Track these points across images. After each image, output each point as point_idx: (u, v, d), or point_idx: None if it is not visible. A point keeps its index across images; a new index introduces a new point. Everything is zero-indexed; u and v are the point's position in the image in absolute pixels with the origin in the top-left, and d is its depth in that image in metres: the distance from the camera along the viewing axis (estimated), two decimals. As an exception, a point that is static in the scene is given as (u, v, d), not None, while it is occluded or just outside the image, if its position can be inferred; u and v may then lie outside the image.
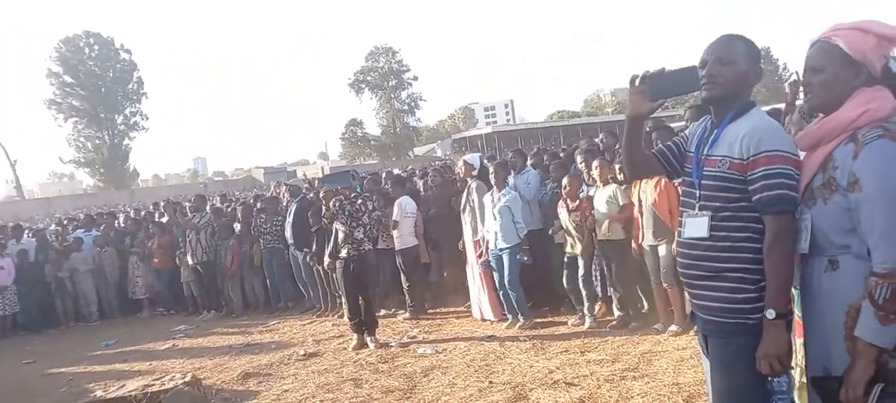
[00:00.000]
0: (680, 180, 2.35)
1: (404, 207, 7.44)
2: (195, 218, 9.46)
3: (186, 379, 5.19)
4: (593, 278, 5.98)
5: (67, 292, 10.03)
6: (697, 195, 2.06)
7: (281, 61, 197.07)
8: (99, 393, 5.49)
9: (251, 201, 10.36)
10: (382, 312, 7.54)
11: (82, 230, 11.35)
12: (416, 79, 76.98)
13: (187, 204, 11.51)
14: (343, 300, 6.73)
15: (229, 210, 10.69)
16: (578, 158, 6.36)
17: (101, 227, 11.29)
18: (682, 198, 2.21)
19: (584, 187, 6.05)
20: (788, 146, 1.93)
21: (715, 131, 2.07)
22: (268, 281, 9.07)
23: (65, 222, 13.08)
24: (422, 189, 9.08)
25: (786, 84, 5.41)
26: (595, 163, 5.74)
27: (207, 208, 10.36)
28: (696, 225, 2.04)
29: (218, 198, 14.94)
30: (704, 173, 2.04)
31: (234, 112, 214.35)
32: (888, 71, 1.88)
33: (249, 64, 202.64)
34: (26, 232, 12.20)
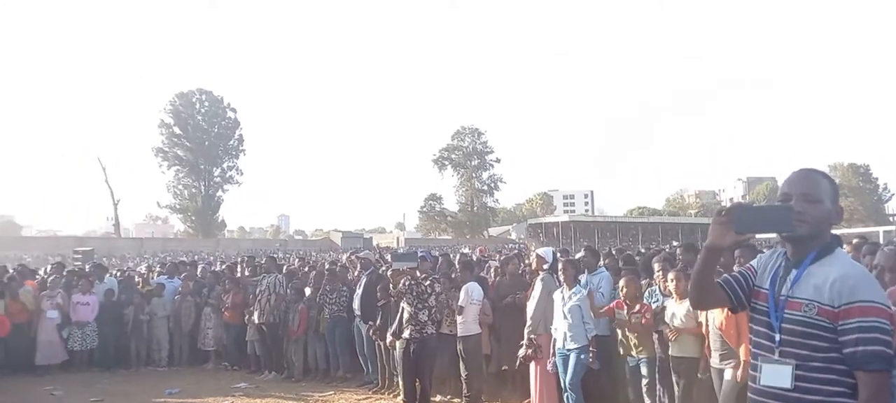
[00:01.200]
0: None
1: (471, 293, 7.37)
2: (263, 279, 9.75)
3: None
4: (658, 391, 5.68)
5: (142, 335, 10.45)
6: (777, 339, 1.92)
7: (370, 128, 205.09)
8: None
9: (325, 268, 10.58)
10: (438, 398, 7.41)
11: (165, 276, 11.90)
12: (498, 161, 78.23)
13: (260, 262, 11.84)
14: (400, 381, 6.67)
15: (302, 274, 10.95)
16: (656, 266, 6.14)
17: (183, 276, 11.78)
18: (754, 339, 2.06)
19: (659, 296, 5.85)
20: (883, 297, 1.81)
21: (794, 271, 1.95)
22: (329, 350, 9.13)
23: (153, 267, 13.80)
24: (492, 275, 9.03)
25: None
26: (671, 276, 5.52)
27: (284, 270, 10.67)
28: (778, 374, 1.90)
29: (297, 260, 15.36)
30: (786, 316, 1.91)
31: (320, 174, 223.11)
32: None
33: (339, 128, 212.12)
34: (109, 272, 12.84)
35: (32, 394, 8.61)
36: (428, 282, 6.56)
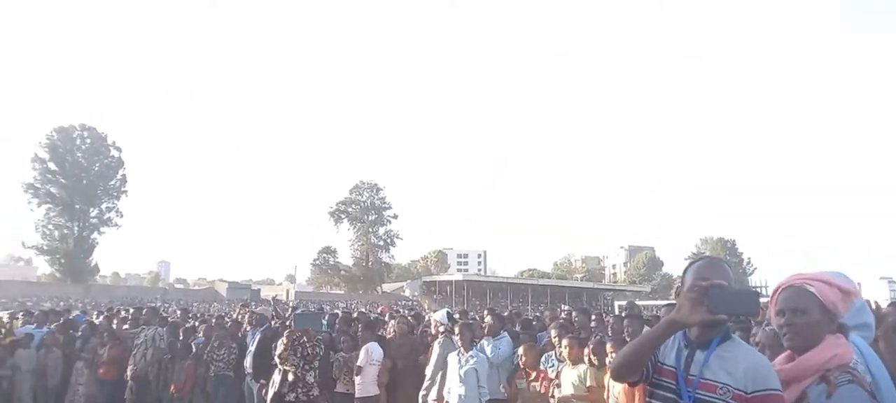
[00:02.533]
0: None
1: (371, 353, 7.34)
2: (142, 332, 9.22)
3: None
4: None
5: (2, 391, 9.46)
6: None
7: (261, 174, 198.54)
8: None
9: (214, 323, 10.12)
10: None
11: (34, 326, 10.91)
12: (396, 217, 78.35)
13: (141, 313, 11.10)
14: None
15: (188, 327, 10.41)
16: (553, 332, 6.40)
17: (53, 326, 10.83)
18: None
19: (555, 362, 6.07)
20: (780, 385, 2.03)
21: (700, 352, 2.12)
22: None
23: (16, 315, 12.58)
24: (390, 331, 9.04)
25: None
26: (565, 342, 5.76)
27: (167, 321, 10.10)
28: None
29: (180, 312, 14.56)
30: (699, 396, 2.06)
31: (205, 219, 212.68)
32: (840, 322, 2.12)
33: (228, 173, 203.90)
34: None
35: None
36: (315, 343, 6.49)
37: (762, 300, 2.27)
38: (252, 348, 8.21)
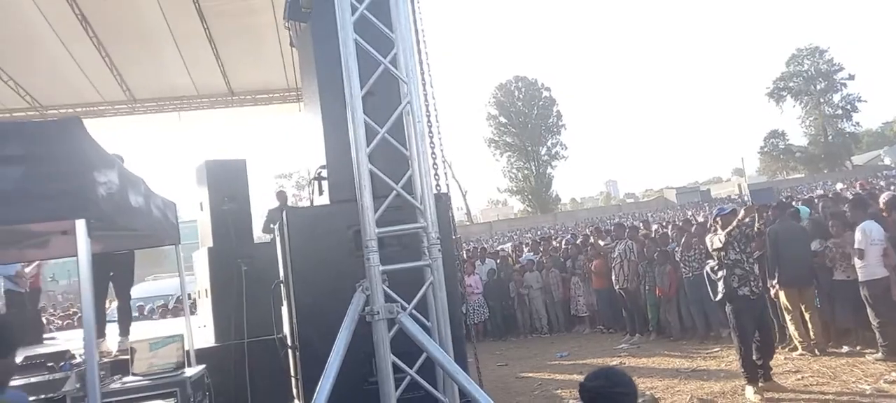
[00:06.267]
0: None
1: (869, 234, 6.61)
2: (616, 246, 10.13)
3: (645, 398, 5.61)
4: None
5: (525, 306, 11.74)
6: None
7: (690, 76, 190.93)
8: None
9: (682, 225, 10.52)
10: (845, 350, 6.86)
11: (531, 253, 13.16)
12: (851, 78, 66.31)
13: (607, 229, 12.29)
14: (737, 343, 6.28)
15: (660, 236, 11.03)
16: None
17: (541, 252, 12.88)
18: None
19: None
20: None
21: None
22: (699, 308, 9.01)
23: (518, 245, 15.35)
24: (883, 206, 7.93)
25: None
26: None
27: (639, 233, 10.93)
28: None
29: (642, 224, 15.48)
30: None
31: (642, 134, 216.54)
32: None
33: (655, 81, 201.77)
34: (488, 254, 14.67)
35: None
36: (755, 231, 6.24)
37: None
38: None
